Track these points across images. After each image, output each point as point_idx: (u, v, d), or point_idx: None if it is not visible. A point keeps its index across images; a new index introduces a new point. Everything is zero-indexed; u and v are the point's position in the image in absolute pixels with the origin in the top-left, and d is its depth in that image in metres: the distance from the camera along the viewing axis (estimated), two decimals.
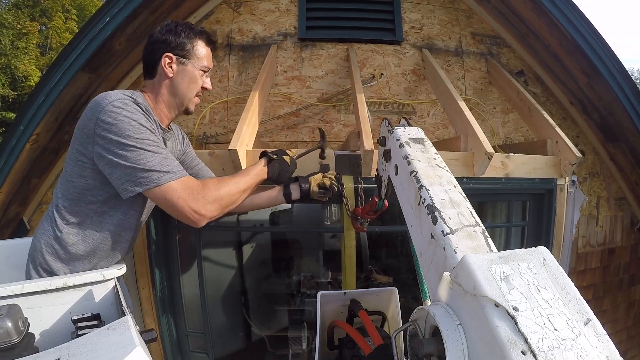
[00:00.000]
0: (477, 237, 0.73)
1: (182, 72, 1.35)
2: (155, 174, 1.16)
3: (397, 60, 2.75)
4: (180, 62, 1.34)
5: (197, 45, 1.38)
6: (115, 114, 1.14)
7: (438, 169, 0.92)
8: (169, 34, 1.34)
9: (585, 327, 0.54)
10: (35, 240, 1.27)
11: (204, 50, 1.39)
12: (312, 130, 2.71)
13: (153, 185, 1.17)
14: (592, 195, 2.82)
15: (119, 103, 1.16)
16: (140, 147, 1.15)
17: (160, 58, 1.33)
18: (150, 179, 1.16)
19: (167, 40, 1.33)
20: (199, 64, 1.38)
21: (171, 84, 1.35)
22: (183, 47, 1.34)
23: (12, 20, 19.24)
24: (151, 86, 1.37)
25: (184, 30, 1.35)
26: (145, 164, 1.15)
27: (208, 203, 1.24)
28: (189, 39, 1.35)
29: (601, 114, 2.61)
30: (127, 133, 1.14)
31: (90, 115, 1.17)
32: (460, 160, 1.96)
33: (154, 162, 1.17)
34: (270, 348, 2.97)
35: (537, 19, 2.45)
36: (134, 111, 1.18)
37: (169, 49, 1.33)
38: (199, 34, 1.39)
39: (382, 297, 1.36)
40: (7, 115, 18.17)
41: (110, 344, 0.76)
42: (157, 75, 1.35)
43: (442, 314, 0.61)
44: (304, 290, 3.01)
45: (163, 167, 1.18)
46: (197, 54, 1.37)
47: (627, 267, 3.02)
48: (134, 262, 2.22)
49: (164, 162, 1.19)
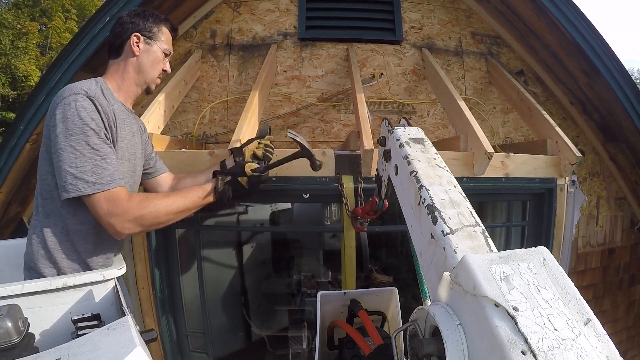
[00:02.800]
0: (477, 237, 0.73)
1: (148, 51, 1.44)
2: (83, 183, 1.17)
3: (397, 60, 2.75)
4: (146, 42, 1.44)
5: (162, 30, 1.49)
6: (64, 111, 1.18)
7: (438, 169, 0.92)
8: (138, 17, 1.44)
9: (585, 327, 0.54)
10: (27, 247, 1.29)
11: (167, 35, 1.51)
12: (312, 130, 2.71)
13: (79, 193, 1.17)
14: (592, 195, 2.82)
15: (70, 100, 1.19)
16: (77, 149, 1.16)
17: (128, 37, 1.41)
18: (77, 187, 1.16)
19: (135, 22, 1.43)
20: (162, 46, 1.48)
21: (137, 62, 1.43)
22: (150, 29, 1.45)
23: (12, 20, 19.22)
24: (116, 66, 1.43)
25: (152, 15, 1.47)
26: (77, 168, 1.16)
27: (127, 221, 1.23)
28: (156, 23, 1.47)
29: (601, 114, 2.61)
30: (70, 132, 1.17)
31: (50, 111, 1.23)
32: (460, 160, 1.96)
33: (86, 168, 1.17)
34: (270, 348, 2.97)
35: (537, 18, 2.45)
36: (81, 109, 1.18)
37: (137, 30, 1.42)
38: (164, 20, 1.51)
39: (382, 297, 1.36)
40: (7, 115, 18.14)
41: (111, 344, 0.76)
42: (124, 54, 1.43)
43: (442, 314, 0.61)
44: (304, 290, 3.01)
45: (93, 175, 1.17)
46: (161, 37, 1.48)
47: (627, 267, 3.02)
48: (133, 262, 2.22)
49: (95, 169, 1.18)
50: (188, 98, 2.64)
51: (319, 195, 2.07)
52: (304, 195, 1.97)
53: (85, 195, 1.18)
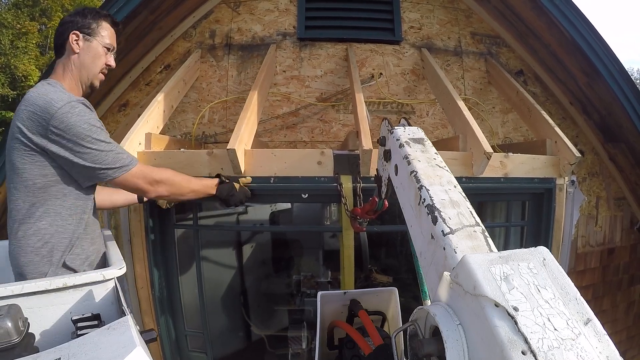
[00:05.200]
0: (477, 237, 0.73)
1: (88, 48, 1.47)
2: (111, 170, 1.36)
3: (396, 60, 2.75)
4: (86, 39, 1.46)
5: (102, 25, 1.50)
6: (67, 119, 1.26)
7: (438, 169, 0.92)
8: (77, 15, 1.47)
9: (585, 327, 0.54)
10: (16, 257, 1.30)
11: (107, 30, 1.52)
12: (311, 130, 2.71)
13: (110, 178, 1.37)
14: (592, 195, 2.82)
15: (67, 108, 1.27)
16: (96, 149, 1.31)
17: (68, 36, 1.44)
18: (107, 174, 1.36)
19: (74, 20, 1.46)
20: (102, 42, 1.49)
21: (78, 59, 1.46)
22: (89, 26, 1.47)
23: (11, 20, 19.19)
24: (61, 66, 1.46)
25: (90, 13, 1.49)
26: (101, 162, 1.33)
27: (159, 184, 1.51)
28: (95, 19, 1.48)
29: (601, 114, 2.61)
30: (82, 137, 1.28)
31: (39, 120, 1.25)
32: (459, 160, 1.96)
33: (108, 160, 1.35)
34: (270, 348, 2.97)
35: (536, 18, 2.45)
36: (82, 113, 1.30)
37: (76, 28, 1.45)
38: (104, 16, 1.53)
39: (382, 297, 1.36)
40: (6, 115, 18.11)
41: (111, 343, 0.76)
42: (66, 52, 1.46)
43: (442, 314, 0.61)
44: (303, 290, 3.01)
45: (116, 162, 1.37)
46: (101, 33, 1.49)
47: (627, 267, 3.02)
48: (132, 261, 2.22)
49: (117, 157, 1.37)
50: (187, 98, 2.63)
51: (318, 195, 2.07)
52: (303, 195, 1.97)
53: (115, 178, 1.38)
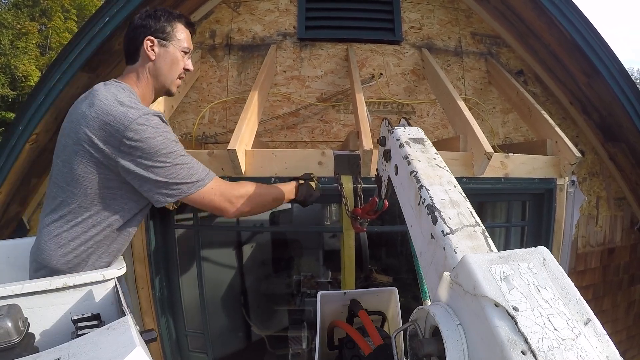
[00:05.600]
0: (477, 237, 0.73)
1: (164, 54, 1.39)
2: (186, 185, 1.28)
3: (396, 60, 2.75)
4: (161, 44, 1.38)
5: (177, 28, 1.42)
6: (142, 132, 1.18)
7: (438, 169, 0.92)
8: (149, 18, 1.38)
9: (585, 327, 0.54)
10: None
11: (183, 32, 1.44)
12: (312, 130, 2.71)
13: (184, 195, 1.29)
14: (592, 195, 2.82)
15: (143, 120, 1.19)
16: (170, 163, 1.24)
17: (142, 42, 1.36)
18: (182, 189, 1.28)
19: (147, 24, 1.37)
20: (180, 46, 1.42)
21: (154, 66, 1.39)
22: (163, 30, 1.38)
23: (11, 20, 19.23)
24: (134, 72, 1.39)
25: (163, 15, 1.40)
26: (175, 177, 1.25)
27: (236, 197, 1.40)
28: (169, 22, 1.40)
29: (601, 114, 2.61)
30: (156, 151, 1.20)
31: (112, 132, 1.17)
32: (459, 160, 1.96)
33: (182, 174, 1.27)
34: (270, 348, 2.97)
35: (536, 18, 2.45)
36: (158, 126, 1.22)
37: (150, 33, 1.36)
38: (178, 17, 1.43)
39: (382, 297, 1.36)
40: (6, 115, 18.13)
41: (111, 343, 0.76)
42: (140, 59, 1.38)
43: (442, 314, 0.61)
44: (304, 290, 3.01)
45: (191, 177, 1.29)
46: (177, 36, 1.41)
47: (627, 267, 3.02)
48: (133, 262, 2.22)
49: (191, 171, 1.29)
50: (187, 98, 2.63)
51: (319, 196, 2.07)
52: None
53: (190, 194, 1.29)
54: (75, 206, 1.24)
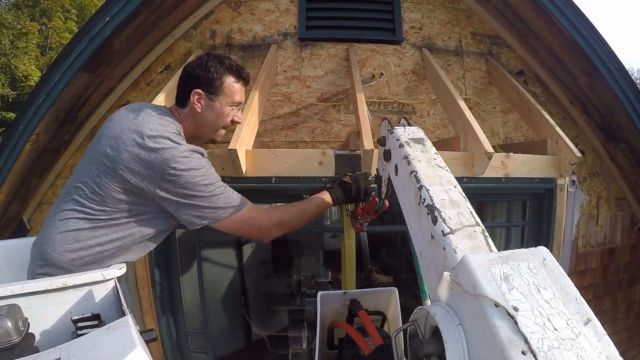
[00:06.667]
0: (477, 237, 0.73)
1: (210, 108, 1.41)
2: (222, 210, 1.34)
3: (397, 60, 2.75)
4: (209, 98, 1.39)
5: (226, 81, 1.41)
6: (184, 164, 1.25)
7: (438, 169, 0.92)
8: (199, 69, 1.38)
9: (585, 327, 0.54)
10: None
11: (232, 87, 1.42)
12: (312, 130, 2.71)
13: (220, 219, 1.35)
14: (592, 195, 2.82)
15: (187, 153, 1.26)
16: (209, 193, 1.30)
17: (190, 93, 1.38)
18: (217, 214, 1.34)
19: (197, 75, 1.38)
20: (227, 100, 1.42)
21: (200, 118, 1.41)
22: (212, 83, 1.38)
23: (12, 20, 19.25)
24: (183, 115, 1.43)
25: (213, 66, 1.39)
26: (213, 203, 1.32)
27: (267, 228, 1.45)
28: (219, 74, 1.39)
29: (601, 114, 2.61)
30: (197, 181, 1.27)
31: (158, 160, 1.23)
32: (460, 160, 1.95)
33: (219, 202, 1.33)
34: (270, 348, 2.96)
35: (537, 18, 2.45)
36: (200, 161, 1.29)
37: (198, 85, 1.38)
38: (229, 69, 1.41)
39: (382, 297, 1.36)
40: (7, 115, 18.15)
41: (111, 343, 0.76)
42: (188, 108, 1.41)
43: (442, 314, 0.61)
44: (304, 290, 3.01)
45: (228, 204, 1.35)
46: (225, 91, 1.41)
47: (627, 267, 3.02)
48: (133, 262, 2.22)
49: (227, 200, 1.35)
50: None
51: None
52: (304, 196, 1.97)
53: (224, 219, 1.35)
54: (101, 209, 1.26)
